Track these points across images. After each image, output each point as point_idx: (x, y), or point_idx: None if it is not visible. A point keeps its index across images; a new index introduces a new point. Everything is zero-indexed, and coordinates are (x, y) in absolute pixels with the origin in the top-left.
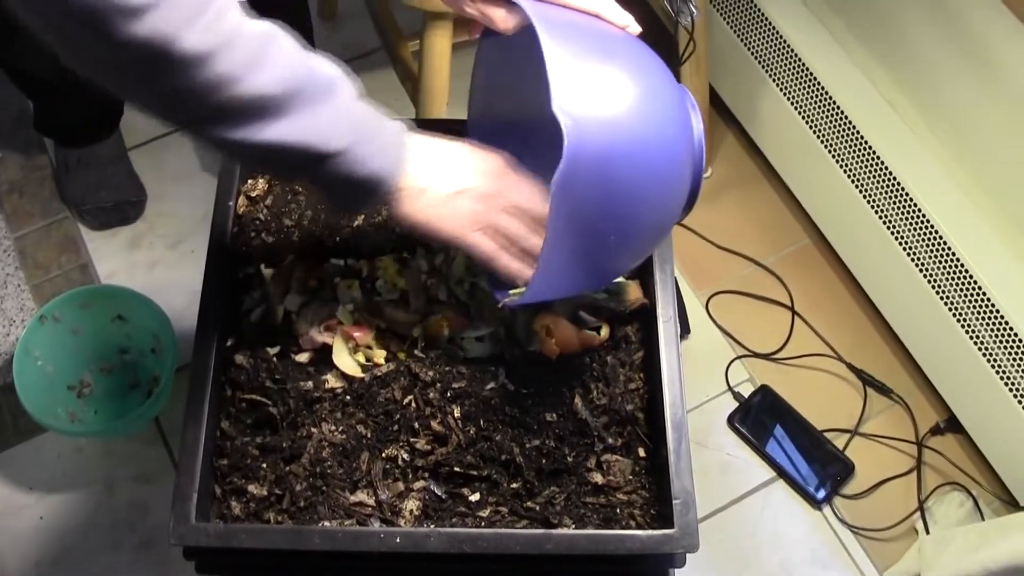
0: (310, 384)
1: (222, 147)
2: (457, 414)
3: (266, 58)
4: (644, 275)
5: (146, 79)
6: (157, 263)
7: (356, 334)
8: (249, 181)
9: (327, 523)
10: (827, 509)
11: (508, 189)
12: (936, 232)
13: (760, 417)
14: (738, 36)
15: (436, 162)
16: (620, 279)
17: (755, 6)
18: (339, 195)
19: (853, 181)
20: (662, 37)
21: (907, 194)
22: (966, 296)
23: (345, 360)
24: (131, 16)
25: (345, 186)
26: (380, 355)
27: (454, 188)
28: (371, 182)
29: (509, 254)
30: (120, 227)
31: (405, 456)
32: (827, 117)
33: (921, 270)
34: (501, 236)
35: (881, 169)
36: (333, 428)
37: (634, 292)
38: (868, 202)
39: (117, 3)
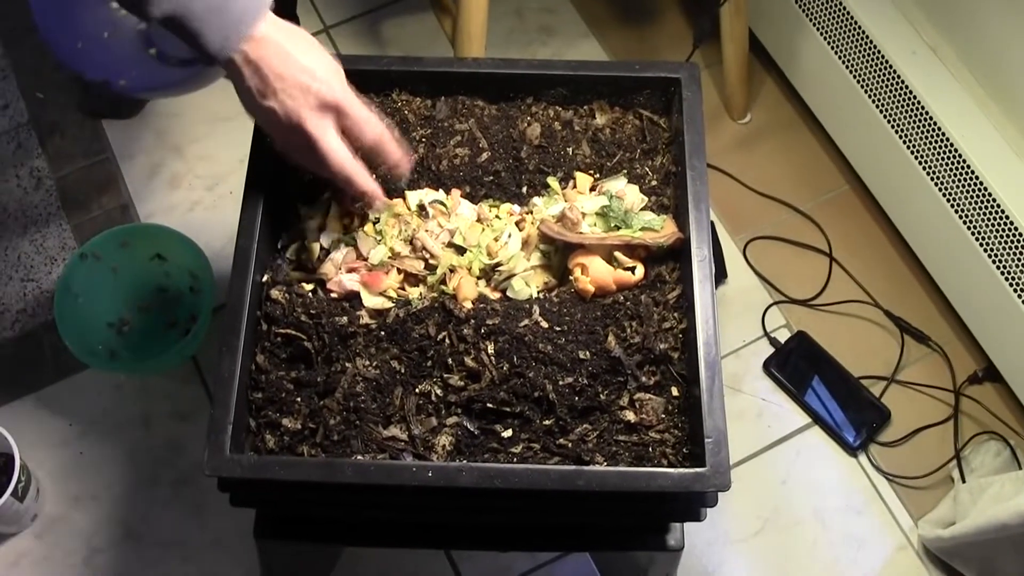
0: (345, 319)
1: None
2: (491, 351)
3: None
4: (679, 214)
5: None
6: (196, 204)
7: (376, 280)
8: None
9: (360, 457)
10: (862, 456)
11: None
12: (977, 179)
13: (796, 363)
14: None
15: (271, 54)
16: (653, 215)
17: None
18: (190, 43)
19: (893, 127)
20: None
21: (948, 140)
22: (1006, 244)
23: (373, 301)
24: None
25: (190, 38)
26: (414, 292)
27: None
28: (210, 43)
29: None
30: (141, 155)
31: (438, 392)
32: (868, 62)
33: (961, 217)
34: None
35: (922, 115)
36: (367, 363)
37: (669, 226)
38: (908, 148)
39: None
